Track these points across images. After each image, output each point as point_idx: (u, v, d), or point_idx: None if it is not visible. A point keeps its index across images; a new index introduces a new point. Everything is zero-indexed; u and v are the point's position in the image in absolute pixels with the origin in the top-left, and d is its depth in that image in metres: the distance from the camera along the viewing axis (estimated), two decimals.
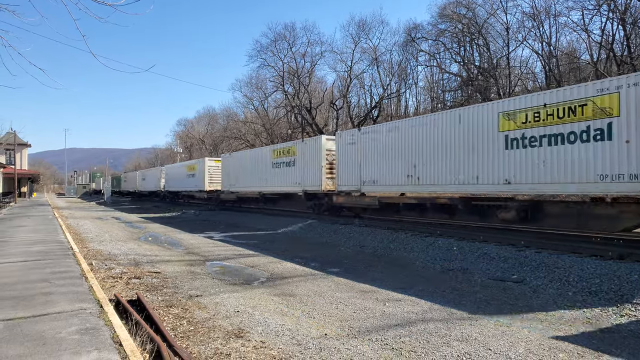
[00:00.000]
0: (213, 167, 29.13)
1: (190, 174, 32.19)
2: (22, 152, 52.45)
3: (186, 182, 33.07)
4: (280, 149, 21.09)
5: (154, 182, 43.75)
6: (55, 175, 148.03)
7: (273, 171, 21.11)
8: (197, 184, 30.42)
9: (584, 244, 9.35)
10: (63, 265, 8.33)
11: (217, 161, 29.54)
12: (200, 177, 29.97)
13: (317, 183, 17.96)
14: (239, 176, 25.02)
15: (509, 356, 4.52)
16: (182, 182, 34.27)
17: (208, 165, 29.29)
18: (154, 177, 44.43)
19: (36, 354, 3.91)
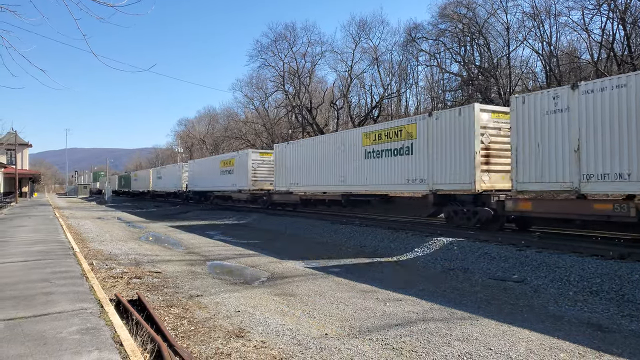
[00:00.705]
0: (258, 161, 24.19)
1: (225, 170, 26.93)
2: (23, 152, 52.50)
3: (219, 180, 27.68)
4: (384, 130, 14.66)
5: (172, 181, 38.16)
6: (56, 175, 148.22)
7: (368, 163, 15.38)
8: (237, 182, 25.14)
9: (584, 244, 9.34)
10: (64, 265, 8.34)
11: (263, 154, 24.83)
12: (240, 173, 24.75)
13: (467, 179, 11.63)
14: (304, 171, 19.43)
15: (510, 356, 4.52)
16: (213, 180, 28.92)
17: (252, 159, 24.07)
18: (172, 175, 38.55)
19: (37, 354, 3.91)
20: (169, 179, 39.58)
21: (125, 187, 60.45)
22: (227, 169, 26.81)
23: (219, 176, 27.80)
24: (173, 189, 38.00)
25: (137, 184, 53.65)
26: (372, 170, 15.24)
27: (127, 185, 59.21)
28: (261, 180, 24.07)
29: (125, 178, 62.82)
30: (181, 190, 35.75)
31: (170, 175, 39.60)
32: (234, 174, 25.58)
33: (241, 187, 24.76)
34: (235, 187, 25.38)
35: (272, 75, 46.89)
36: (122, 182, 63.69)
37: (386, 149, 14.61)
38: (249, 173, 23.93)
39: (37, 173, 63.98)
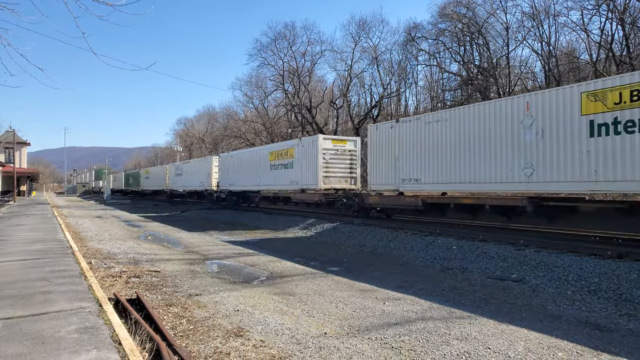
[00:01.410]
0: (330, 151, 18.24)
1: (278, 164, 21.45)
2: (21, 150, 52.40)
3: (269, 177, 22.23)
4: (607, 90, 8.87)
5: (198, 178, 32.22)
6: (55, 174, 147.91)
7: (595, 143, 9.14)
8: (298, 178, 19.51)
9: (583, 243, 9.36)
10: (62, 264, 8.32)
11: (338, 142, 18.96)
12: (304, 167, 19.08)
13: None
14: (433, 161, 13.30)
15: (508, 355, 4.53)
16: (258, 176, 23.31)
17: (323, 149, 18.03)
18: (199, 171, 32.27)
19: (35, 353, 3.90)
20: (194, 175, 33.25)
21: (134, 186, 54.01)
22: (281, 162, 21.13)
23: (268, 172, 22.33)
24: (198, 187, 31.93)
25: (150, 182, 47.16)
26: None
27: (136, 184, 52.93)
28: (335, 176, 18.20)
29: (134, 176, 55.59)
30: (210, 189, 29.68)
31: (195, 171, 33.26)
32: (294, 168, 19.93)
33: (306, 185, 19.06)
34: (297, 185, 19.72)
35: (272, 74, 46.94)
36: (130, 180, 56.88)
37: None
38: (319, 167, 17.93)
39: (35, 172, 63.84)
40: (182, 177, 36.48)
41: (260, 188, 23.88)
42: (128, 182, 58.44)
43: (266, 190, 23.53)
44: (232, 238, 14.55)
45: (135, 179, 54.04)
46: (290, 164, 20.45)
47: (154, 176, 45.98)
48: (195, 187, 33.07)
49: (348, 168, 18.63)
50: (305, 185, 19.27)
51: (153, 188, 46.24)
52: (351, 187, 18.57)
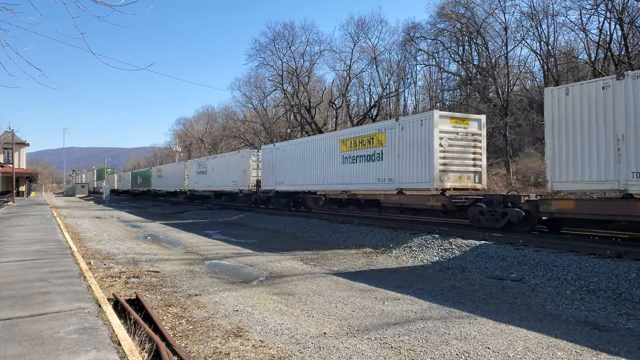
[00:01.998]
0: (448, 134, 12.90)
1: (357, 156, 16.01)
2: (20, 151, 52.32)
3: (340, 173, 16.98)
4: None
5: (228, 177, 26.82)
6: (54, 175, 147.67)
7: None
8: (394, 174, 14.19)
9: (582, 243, 9.36)
10: (61, 264, 8.31)
11: (456, 121, 13.18)
12: (406, 158, 13.73)
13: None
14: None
15: (507, 355, 4.53)
16: (324, 172, 17.93)
17: (439, 131, 12.75)
18: (229, 169, 26.91)
19: (34, 354, 3.90)
20: (223, 173, 27.70)
21: (143, 186, 48.31)
22: (361, 153, 15.79)
23: (338, 166, 17.00)
24: (230, 187, 26.63)
25: (163, 181, 41.22)
26: None
27: (146, 184, 47.25)
28: (455, 170, 12.99)
29: (144, 175, 49.53)
30: (246, 189, 24.56)
31: (225, 168, 27.51)
32: (385, 160, 14.63)
33: (408, 183, 13.78)
34: (391, 184, 14.37)
35: (271, 75, 46.91)
36: (139, 179, 51.15)
37: None
38: (435, 157, 12.56)
39: (34, 172, 63.75)
40: (206, 175, 30.92)
41: (325, 188, 18.27)
42: (136, 181, 52.75)
43: (335, 191, 18.06)
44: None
45: (145, 179, 48.04)
46: (377, 155, 15.07)
47: (169, 175, 39.84)
48: (225, 187, 27.57)
49: (471, 159, 13.36)
50: (406, 184, 13.88)
51: (168, 188, 40.21)
52: (475, 186, 13.49)
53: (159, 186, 43.08)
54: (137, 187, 52.15)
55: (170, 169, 40.73)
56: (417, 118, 13.92)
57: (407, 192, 14.54)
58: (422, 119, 13.46)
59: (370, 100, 44.15)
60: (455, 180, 13.08)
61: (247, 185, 24.68)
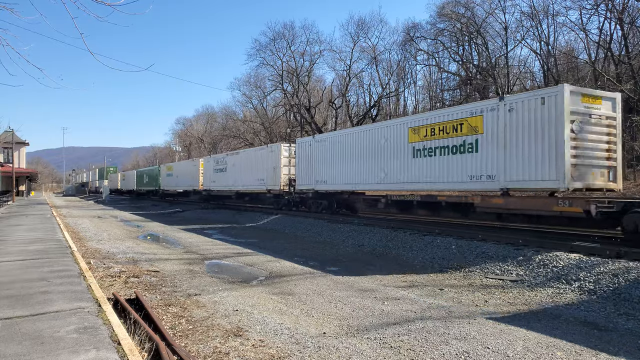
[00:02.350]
0: (580, 116, 9.89)
1: (436, 147, 12.86)
2: (20, 150, 52.30)
3: (413, 169, 13.54)
4: None
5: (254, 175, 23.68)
6: (54, 174, 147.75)
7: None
8: (498, 170, 11.05)
9: (582, 243, 9.36)
10: (61, 264, 8.32)
11: (588, 99, 10.13)
12: (516, 148, 10.63)
13: None
14: None
15: (507, 354, 4.53)
16: (387, 168, 14.58)
17: (570, 112, 9.68)
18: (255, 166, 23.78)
19: (34, 353, 3.90)
20: (248, 171, 24.53)
21: (150, 185, 44.54)
22: (444, 144, 12.53)
23: (407, 161, 13.56)
24: (256, 186, 23.65)
25: (174, 180, 37.42)
26: None
27: (153, 183, 43.44)
28: (589, 164, 10.12)
29: (151, 173, 45.37)
30: (276, 189, 21.59)
31: (250, 165, 24.31)
32: (482, 152, 11.49)
33: (521, 180, 10.59)
34: (493, 182, 11.21)
35: (271, 74, 46.95)
36: (145, 178, 47.18)
37: None
38: (565, 144, 9.63)
39: (34, 172, 63.73)
40: (226, 173, 27.64)
41: (385, 188, 14.84)
42: (142, 181, 48.55)
43: (399, 192, 14.68)
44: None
45: (153, 178, 44.05)
46: (468, 146, 11.83)
47: (181, 173, 36.06)
48: (249, 187, 24.49)
49: (605, 149, 10.37)
50: (515, 183, 10.71)
51: (179, 188, 36.70)
52: (609, 185, 10.38)
53: (169, 185, 38.96)
54: (143, 187, 48.13)
55: (183, 167, 36.72)
56: (534, 95, 10.43)
57: (514, 192, 11.31)
58: (543, 96, 10.17)
59: (370, 100, 44.19)
60: (588, 177, 10.13)
61: (277, 185, 21.55)
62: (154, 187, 43.77)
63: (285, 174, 21.43)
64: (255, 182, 23.84)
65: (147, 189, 46.45)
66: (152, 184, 44.28)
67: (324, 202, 18.93)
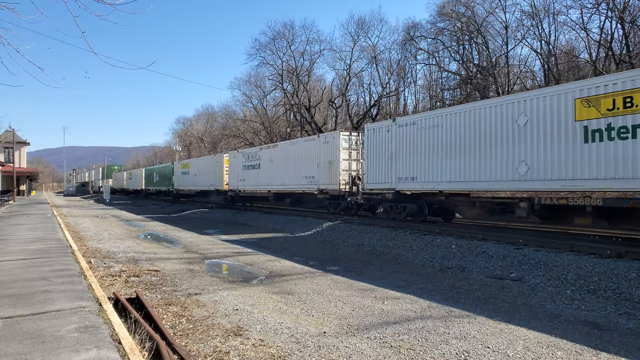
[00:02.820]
0: None
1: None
2: (20, 150, 52.34)
3: (610, 157, 8.74)
4: None
5: (301, 172, 19.64)
6: (54, 174, 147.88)
7: None
8: None
9: (582, 242, 9.37)
10: (62, 263, 8.33)
11: None
12: None
13: None
14: None
15: (507, 354, 4.54)
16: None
17: None
18: (303, 160, 19.65)
19: (35, 352, 3.91)
20: (290, 167, 20.68)
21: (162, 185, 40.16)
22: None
23: (573, 147, 9.52)
24: (303, 186, 19.42)
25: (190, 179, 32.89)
26: None
27: (165, 182, 39.03)
28: None
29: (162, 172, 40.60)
30: (333, 187, 17.47)
31: (295, 159, 20.36)
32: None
33: None
34: None
35: (271, 74, 46.90)
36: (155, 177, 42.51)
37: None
38: None
39: (34, 171, 63.81)
40: (259, 170, 23.27)
41: (530, 186, 10.50)
42: (151, 179, 43.92)
43: (560, 191, 10.13)
44: None
45: (165, 176, 39.36)
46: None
47: (200, 171, 31.24)
48: (293, 186, 20.29)
49: None
50: None
51: (197, 188, 31.76)
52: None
53: (184, 185, 34.04)
54: (153, 186, 43.81)
55: (202, 164, 31.80)
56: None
57: None
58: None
59: (370, 100, 44.12)
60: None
61: (335, 183, 17.29)
62: (166, 186, 39.54)
63: (345, 170, 17.27)
64: (302, 180, 19.61)
65: (158, 188, 42.35)
66: (164, 183, 39.90)
67: (410, 206, 14.58)
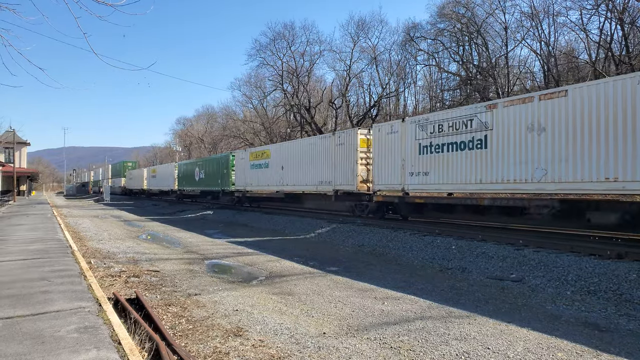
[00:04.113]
0: None
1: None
2: (21, 150, 52.33)
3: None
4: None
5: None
6: (54, 174, 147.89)
7: None
8: None
9: (582, 243, 9.36)
10: (62, 263, 8.32)
11: None
12: None
13: None
14: None
15: (507, 355, 4.53)
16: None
17: None
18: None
19: (35, 352, 3.90)
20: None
21: (209, 184, 30.43)
22: None
23: None
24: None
25: (274, 175, 22.02)
26: None
27: (215, 181, 29.35)
28: None
29: (211, 165, 30.80)
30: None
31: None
32: None
33: None
34: None
35: (271, 74, 46.94)
36: (199, 174, 32.43)
37: None
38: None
39: (35, 172, 63.79)
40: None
41: None
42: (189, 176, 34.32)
43: None
44: None
45: (215, 172, 29.76)
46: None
47: (298, 160, 20.00)
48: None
49: None
50: None
51: (286, 187, 21.01)
52: None
53: (257, 184, 24.06)
54: (192, 187, 33.66)
55: (305, 147, 19.73)
56: None
57: None
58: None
59: (370, 100, 44.14)
60: None
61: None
62: (215, 186, 29.41)
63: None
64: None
65: (201, 189, 31.97)
66: (213, 182, 29.88)
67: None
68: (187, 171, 35.12)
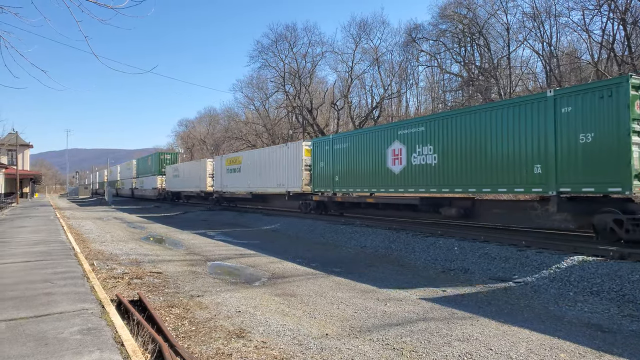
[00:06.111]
0: None
1: None
2: (24, 152, 52.51)
3: None
4: None
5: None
6: (57, 176, 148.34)
7: None
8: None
9: (585, 244, 9.33)
10: (65, 265, 8.35)
11: None
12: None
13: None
14: None
15: (510, 356, 4.52)
16: None
17: None
18: None
19: (38, 354, 3.92)
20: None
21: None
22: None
23: None
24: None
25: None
26: None
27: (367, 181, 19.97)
28: None
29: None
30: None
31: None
32: None
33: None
34: None
35: (273, 76, 46.96)
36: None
37: None
38: None
39: (38, 174, 63.97)
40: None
41: None
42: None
43: None
44: None
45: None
46: None
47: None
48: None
49: None
50: None
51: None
52: None
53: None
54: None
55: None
56: None
57: None
58: None
59: (372, 102, 44.17)
60: None
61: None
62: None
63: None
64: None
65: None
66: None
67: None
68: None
